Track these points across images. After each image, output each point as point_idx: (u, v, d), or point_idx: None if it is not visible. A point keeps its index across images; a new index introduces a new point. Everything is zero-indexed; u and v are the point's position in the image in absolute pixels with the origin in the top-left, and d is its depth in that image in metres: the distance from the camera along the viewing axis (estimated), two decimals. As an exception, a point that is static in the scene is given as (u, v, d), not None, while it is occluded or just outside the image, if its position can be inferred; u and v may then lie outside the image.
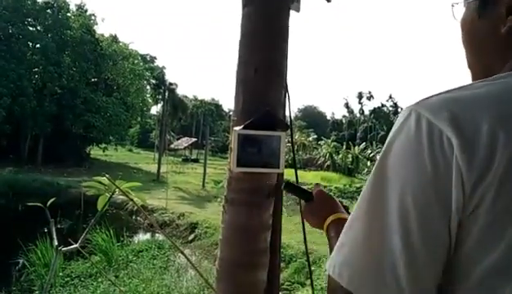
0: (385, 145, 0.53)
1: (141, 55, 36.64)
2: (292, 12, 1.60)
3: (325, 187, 19.33)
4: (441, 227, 0.47)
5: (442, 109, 0.48)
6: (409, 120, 0.50)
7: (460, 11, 0.64)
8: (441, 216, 0.47)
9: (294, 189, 1.10)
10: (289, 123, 1.64)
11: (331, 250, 0.68)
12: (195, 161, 36.88)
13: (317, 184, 1.04)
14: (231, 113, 1.77)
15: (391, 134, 0.52)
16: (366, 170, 29.64)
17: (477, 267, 0.47)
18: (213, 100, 54.91)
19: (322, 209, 0.92)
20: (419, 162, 0.47)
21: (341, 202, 0.96)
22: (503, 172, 0.44)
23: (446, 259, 0.48)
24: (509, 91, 0.49)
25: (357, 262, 0.51)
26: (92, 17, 29.49)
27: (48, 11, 27.25)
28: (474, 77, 0.63)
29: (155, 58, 48.57)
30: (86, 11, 29.86)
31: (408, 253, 0.47)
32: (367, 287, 0.50)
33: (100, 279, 7.71)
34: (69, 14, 28.82)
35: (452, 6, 0.65)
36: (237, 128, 1.44)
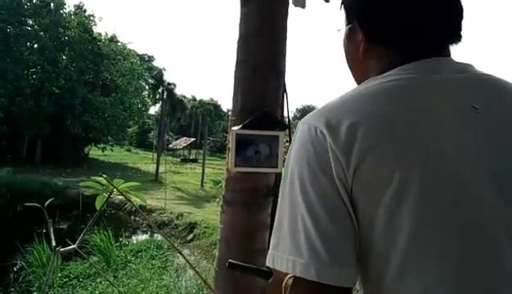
0: (290, 147, 0.69)
1: (140, 55, 36.59)
2: (291, 12, 1.60)
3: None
4: (331, 192, 0.60)
5: (320, 116, 0.65)
6: (300, 128, 0.67)
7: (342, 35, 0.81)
8: (328, 182, 0.60)
9: (243, 269, 0.93)
10: (287, 123, 1.64)
11: None
12: (194, 161, 36.86)
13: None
14: (229, 112, 1.76)
15: (292, 141, 0.69)
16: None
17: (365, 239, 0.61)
18: (211, 99, 54.86)
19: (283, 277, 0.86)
20: (306, 150, 0.64)
21: None
22: (363, 153, 0.59)
23: (353, 227, 0.60)
24: (367, 94, 0.66)
25: (281, 242, 0.64)
26: (91, 17, 29.42)
27: (45, 10, 27.16)
28: None
29: (154, 58, 48.58)
30: (85, 11, 29.79)
31: (312, 214, 0.60)
32: (289, 257, 0.61)
33: (98, 280, 7.69)
34: (65, 13, 28.74)
35: (338, 30, 0.81)
36: (235, 128, 1.44)
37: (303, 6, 1.65)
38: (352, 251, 0.60)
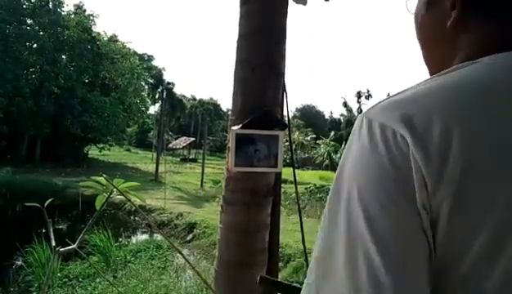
0: (342, 158, 0.52)
1: (139, 55, 36.58)
2: (290, 12, 1.60)
3: (323, 186, 19.40)
4: (408, 220, 0.45)
5: (393, 111, 0.47)
6: (362, 127, 0.49)
7: (414, 5, 0.64)
8: (405, 207, 0.45)
9: (276, 285, 0.88)
10: (287, 122, 1.64)
11: None
12: (194, 160, 36.86)
13: None
14: (229, 112, 1.76)
15: (347, 144, 0.52)
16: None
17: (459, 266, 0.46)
18: (211, 99, 54.88)
19: None
20: (377, 162, 0.46)
21: None
22: (461, 170, 0.43)
23: (428, 257, 0.45)
24: (463, 84, 0.48)
25: (329, 270, 0.49)
26: (91, 17, 29.39)
27: (44, 9, 27.13)
28: (430, 73, 0.63)
29: (153, 57, 48.56)
30: (84, 10, 29.76)
31: (383, 253, 0.44)
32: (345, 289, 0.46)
33: (98, 280, 7.68)
34: (64, 12, 28.72)
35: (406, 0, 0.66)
36: (235, 128, 1.44)
37: (304, 3, 1.65)
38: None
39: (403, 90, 0.51)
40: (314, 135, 41.83)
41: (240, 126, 1.44)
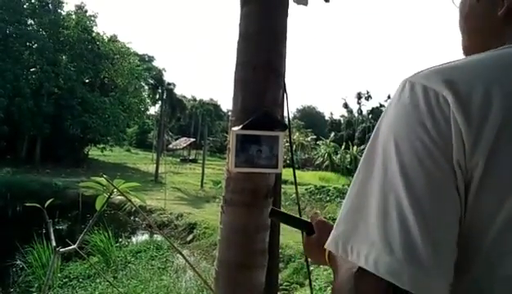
0: (380, 118, 0.53)
1: (139, 55, 36.58)
2: (290, 12, 1.60)
3: (323, 187, 19.38)
4: (444, 176, 0.46)
5: (437, 75, 0.49)
6: (404, 89, 0.51)
7: None
8: (442, 164, 0.46)
9: (286, 218, 0.92)
10: (287, 123, 1.64)
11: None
12: (194, 161, 36.85)
13: (316, 213, 0.91)
14: (229, 113, 1.76)
15: (387, 104, 0.53)
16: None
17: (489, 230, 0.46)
18: (211, 100, 54.86)
19: (326, 241, 0.82)
20: (418, 119, 0.47)
21: None
22: (498, 131, 0.44)
23: (458, 218, 0.46)
24: (506, 57, 0.50)
25: (361, 226, 0.49)
26: (92, 18, 29.39)
27: (44, 9, 27.15)
28: None
29: (154, 58, 48.56)
30: (86, 11, 29.76)
31: (415, 204, 0.45)
32: (370, 249, 0.47)
33: (98, 280, 7.68)
34: (64, 12, 28.74)
35: None
36: (235, 128, 1.44)
37: (305, 3, 1.65)
38: (455, 252, 0.47)
39: (445, 62, 0.52)
40: (314, 136, 41.81)
41: (240, 126, 1.44)
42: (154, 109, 43.32)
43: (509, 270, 0.46)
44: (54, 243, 1.38)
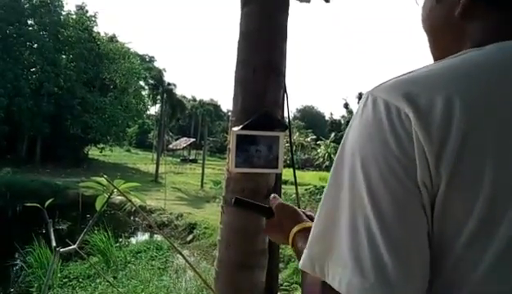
0: (345, 133, 0.53)
1: (140, 56, 36.58)
2: (291, 12, 1.60)
3: (323, 187, 19.34)
4: (409, 195, 0.46)
5: (397, 89, 0.48)
6: (366, 104, 0.51)
7: None
8: (406, 183, 0.46)
9: (248, 205, 0.95)
10: (287, 123, 1.64)
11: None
12: (194, 161, 36.86)
13: (274, 196, 0.94)
14: (229, 113, 1.76)
15: (351, 121, 0.53)
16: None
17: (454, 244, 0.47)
18: (211, 100, 54.88)
19: (285, 223, 0.84)
20: (381, 138, 0.47)
21: (304, 212, 0.89)
22: (460, 145, 0.44)
23: (427, 233, 0.47)
24: (467, 65, 0.50)
25: (335, 247, 0.50)
26: (92, 18, 29.38)
27: (44, 9, 27.14)
28: None
29: (154, 58, 48.55)
30: (87, 11, 29.75)
31: (380, 221, 0.46)
32: (344, 272, 0.48)
33: (98, 280, 7.68)
34: (64, 12, 28.74)
35: None
36: (235, 128, 1.44)
37: (308, 0, 1.65)
38: (426, 267, 0.47)
39: (408, 72, 0.52)
40: (314, 137, 41.79)
41: (240, 126, 1.44)
42: (154, 109, 43.38)
43: (479, 274, 0.46)
44: (54, 243, 1.38)
